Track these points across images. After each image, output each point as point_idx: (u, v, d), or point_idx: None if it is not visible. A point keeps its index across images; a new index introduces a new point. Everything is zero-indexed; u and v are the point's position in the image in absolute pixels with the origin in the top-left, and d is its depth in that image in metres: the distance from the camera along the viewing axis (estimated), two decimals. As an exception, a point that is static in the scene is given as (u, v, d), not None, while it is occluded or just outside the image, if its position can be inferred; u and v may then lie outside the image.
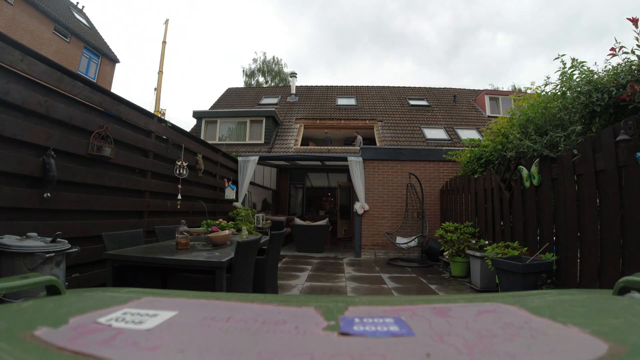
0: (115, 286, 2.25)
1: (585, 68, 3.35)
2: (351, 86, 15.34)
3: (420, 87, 15.06)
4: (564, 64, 3.53)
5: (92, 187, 3.04)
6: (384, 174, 7.18)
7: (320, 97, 14.08)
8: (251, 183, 7.73)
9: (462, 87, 15.05)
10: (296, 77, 14.60)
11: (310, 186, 13.27)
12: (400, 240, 6.48)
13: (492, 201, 4.56)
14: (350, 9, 54.11)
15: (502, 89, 20.72)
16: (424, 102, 13.41)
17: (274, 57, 26.88)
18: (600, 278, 2.72)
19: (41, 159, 2.44)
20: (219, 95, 14.84)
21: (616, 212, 2.55)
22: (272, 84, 24.87)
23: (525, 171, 3.73)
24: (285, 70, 26.07)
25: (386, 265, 6.03)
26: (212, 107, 13.40)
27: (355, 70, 50.86)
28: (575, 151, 3.01)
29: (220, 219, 4.81)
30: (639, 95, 2.57)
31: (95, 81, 13.34)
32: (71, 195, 2.77)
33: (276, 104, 13.39)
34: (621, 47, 2.87)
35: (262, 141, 10.40)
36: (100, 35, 17.04)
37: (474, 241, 4.75)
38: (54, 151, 2.50)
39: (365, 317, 0.40)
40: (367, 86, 15.29)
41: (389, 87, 15.20)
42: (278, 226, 8.31)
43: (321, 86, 15.52)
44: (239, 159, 7.31)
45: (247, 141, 10.50)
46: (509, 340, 0.33)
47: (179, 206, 4.51)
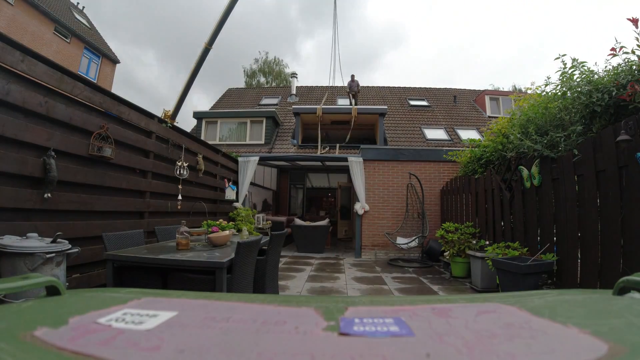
0: (115, 286, 2.25)
1: (586, 68, 3.35)
2: (351, 86, 15.33)
3: (421, 88, 15.06)
4: (565, 64, 3.53)
5: (93, 187, 3.04)
6: (385, 174, 7.17)
7: (320, 97, 14.08)
8: (251, 183, 7.73)
9: (462, 88, 15.04)
10: (297, 78, 14.62)
11: (310, 186, 13.27)
12: (400, 240, 6.48)
13: (493, 201, 4.56)
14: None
15: (502, 89, 20.74)
16: (424, 102, 13.42)
17: (275, 57, 26.95)
18: (600, 278, 2.72)
19: (42, 159, 2.45)
20: (219, 96, 14.87)
21: (617, 212, 2.55)
22: (273, 85, 24.90)
23: (525, 171, 3.72)
24: (287, 70, 26.11)
25: (387, 266, 6.03)
26: (213, 108, 13.43)
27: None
28: (575, 151, 3.00)
29: (221, 220, 4.82)
30: (639, 95, 2.57)
31: (95, 82, 13.36)
32: (72, 196, 2.77)
33: (276, 104, 13.40)
34: (621, 47, 2.87)
35: (263, 141, 10.41)
36: (101, 35, 17.08)
37: (474, 241, 4.75)
38: (54, 152, 2.51)
39: (365, 318, 0.40)
40: (367, 86, 15.30)
41: (389, 87, 15.22)
42: (278, 227, 8.32)
43: (321, 86, 15.54)
44: (240, 159, 7.32)
45: (248, 141, 10.51)
46: (509, 340, 0.33)
47: (179, 207, 4.51)
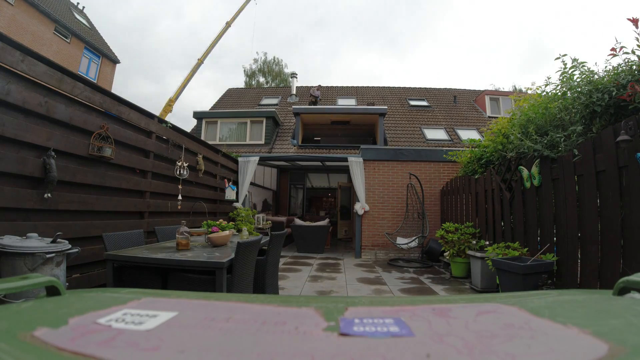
0: (115, 287, 2.25)
1: (586, 68, 3.35)
2: (351, 87, 15.36)
3: (421, 88, 15.06)
4: (565, 64, 3.53)
5: (93, 187, 3.04)
6: (385, 174, 7.17)
7: (320, 97, 14.08)
8: (251, 183, 7.73)
9: (462, 88, 15.05)
10: (296, 78, 14.63)
11: (310, 187, 13.27)
12: (400, 240, 6.48)
13: (493, 202, 4.56)
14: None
15: (502, 90, 20.74)
16: (424, 103, 13.42)
17: (274, 57, 26.96)
18: (600, 278, 2.72)
19: (42, 159, 2.45)
20: (220, 96, 14.87)
21: (617, 212, 2.55)
22: (273, 85, 24.91)
23: (525, 172, 3.72)
24: (286, 70, 26.13)
25: (386, 266, 6.03)
26: (213, 108, 13.43)
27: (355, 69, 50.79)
28: (575, 151, 3.00)
29: (221, 220, 4.81)
30: (639, 95, 2.57)
31: (95, 82, 13.37)
32: (72, 196, 2.77)
33: (276, 104, 13.40)
34: (622, 47, 2.87)
35: (263, 142, 10.41)
36: (101, 35, 17.08)
37: (474, 242, 4.75)
38: (54, 152, 2.51)
39: (365, 318, 0.40)
40: (367, 87, 15.31)
41: (389, 87, 15.22)
42: (278, 227, 8.32)
43: (321, 87, 15.53)
44: (240, 159, 7.32)
45: (248, 142, 10.51)
46: (509, 340, 0.33)
47: (179, 207, 4.51)
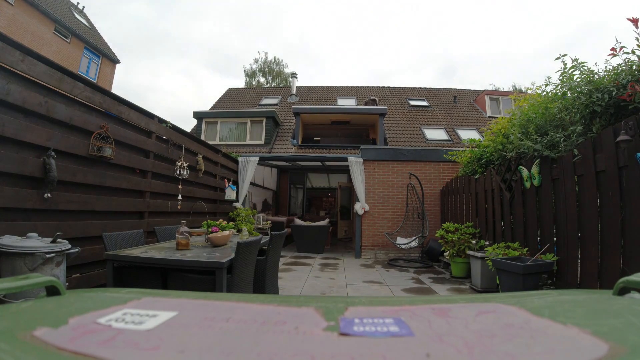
0: (115, 287, 2.25)
1: (586, 68, 3.34)
2: (351, 87, 15.36)
3: (421, 88, 15.06)
4: (565, 64, 3.53)
5: (93, 187, 3.04)
6: (385, 174, 7.17)
7: (320, 97, 14.10)
8: (251, 183, 7.73)
9: (462, 88, 15.05)
10: (297, 78, 14.62)
11: (310, 187, 13.27)
12: (400, 240, 6.48)
13: (493, 202, 4.56)
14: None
15: (502, 90, 20.74)
16: (424, 103, 13.42)
17: (275, 57, 26.97)
18: (600, 278, 2.72)
19: (42, 159, 2.45)
20: (220, 96, 14.87)
21: (616, 212, 2.55)
22: (273, 85, 24.91)
23: (525, 172, 3.72)
24: (286, 70, 26.13)
25: (387, 266, 6.03)
26: (213, 108, 13.43)
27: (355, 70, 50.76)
28: (575, 151, 3.00)
29: (221, 220, 4.81)
30: (639, 95, 2.57)
31: (95, 82, 13.38)
32: (72, 196, 2.77)
33: (276, 104, 13.40)
34: (622, 47, 2.87)
35: (263, 142, 10.41)
36: (101, 35, 17.08)
37: (474, 242, 4.75)
38: (54, 151, 2.51)
39: (365, 318, 0.40)
40: (367, 87, 15.31)
41: (389, 87, 15.22)
42: (278, 227, 8.32)
43: (321, 87, 15.55)
44: (240, 159, 7.32)
45: (248, 141, 10.51)
46: (509, 340, 0.33)
47: (179, 207, 4.51)
